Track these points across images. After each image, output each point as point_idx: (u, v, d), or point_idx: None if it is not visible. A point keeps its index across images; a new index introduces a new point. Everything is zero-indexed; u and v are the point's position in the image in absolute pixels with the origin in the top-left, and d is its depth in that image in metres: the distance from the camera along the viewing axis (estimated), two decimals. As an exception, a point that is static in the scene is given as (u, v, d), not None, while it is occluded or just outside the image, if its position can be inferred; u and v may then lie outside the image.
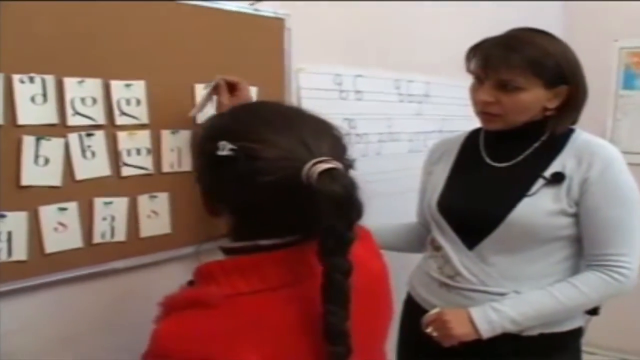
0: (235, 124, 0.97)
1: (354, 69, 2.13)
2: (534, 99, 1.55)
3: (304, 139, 0.91)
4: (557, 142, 1.61)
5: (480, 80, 1.60)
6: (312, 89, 1.95)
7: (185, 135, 1.55)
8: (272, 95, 1.72)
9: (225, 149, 0.89)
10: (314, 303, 0.89)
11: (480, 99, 1.59)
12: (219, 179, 0.95)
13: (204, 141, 0.98)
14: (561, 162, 1.57)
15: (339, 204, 0.84)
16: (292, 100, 1.85)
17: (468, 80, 1.65)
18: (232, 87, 1.49)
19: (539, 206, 1.54)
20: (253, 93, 1.66)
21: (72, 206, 1.35)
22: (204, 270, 0.96)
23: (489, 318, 1.52)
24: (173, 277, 1.50)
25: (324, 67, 2.01)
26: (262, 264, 0.92)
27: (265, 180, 0.88)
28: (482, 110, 1.62)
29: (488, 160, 1.69)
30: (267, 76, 1.75)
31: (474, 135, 1.79)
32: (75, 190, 1.35)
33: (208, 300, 0.88)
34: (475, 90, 1.63)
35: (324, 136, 0.94)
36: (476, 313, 1.54)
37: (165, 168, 1.53)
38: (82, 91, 1.34)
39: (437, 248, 1.71)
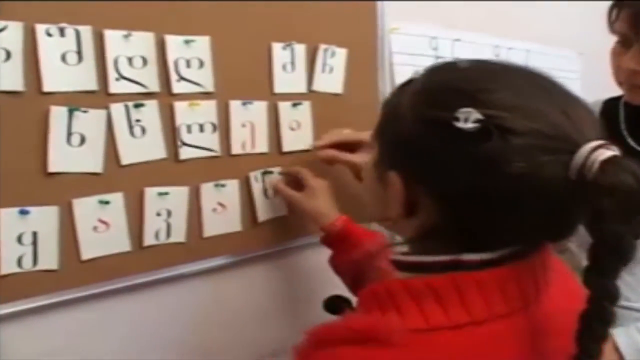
0: (471, 84, 0.74)
1: (451, 31, 1.98)
2: None
3: (567, 112, 0.71)
4: None
5: (627, 42, 1.34)
6: (405, 53, 1.79)
7: (260, 107, 1.36)
8: (362, 60, 1.58)
9: (470, 119, 0.69)
10: (537, 338, 0.75)
11: (628, 66, 1.33)
12: (447, 160, 0.73)
13: (423, 108, 0.76)
14: None
15: (632, 202, 0.66)
16: (385, 66, 1.68)
17: (570, 49, 1.37)
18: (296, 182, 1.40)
19: None
20: (342, 56, 1.50)
21: (117, 198, 1.16)
22: (379, 291, 0.76)
23: (639, 345, 1.31)
24: (244, 287, 1.42)
25: (419, 28, 1.86)
26: (467, 287, 0.73)
27: (522, 165, 0.68)
28: (629, 81, 1.36)
29: (632, 143, 1.44)
30: (357, 37, 1.58)
31: (610, 107, 1.54)
32: (120, 177, 1.17)
33: (384, 336, 0.69)
34: (619, 54, 1.36)
35: (583, 111, 0.74)
36: (620, 337, 1.31)
37: (235, 149, 1.33)
38: (129, 48, 1.14)
39: (561, 251, 1.49)
